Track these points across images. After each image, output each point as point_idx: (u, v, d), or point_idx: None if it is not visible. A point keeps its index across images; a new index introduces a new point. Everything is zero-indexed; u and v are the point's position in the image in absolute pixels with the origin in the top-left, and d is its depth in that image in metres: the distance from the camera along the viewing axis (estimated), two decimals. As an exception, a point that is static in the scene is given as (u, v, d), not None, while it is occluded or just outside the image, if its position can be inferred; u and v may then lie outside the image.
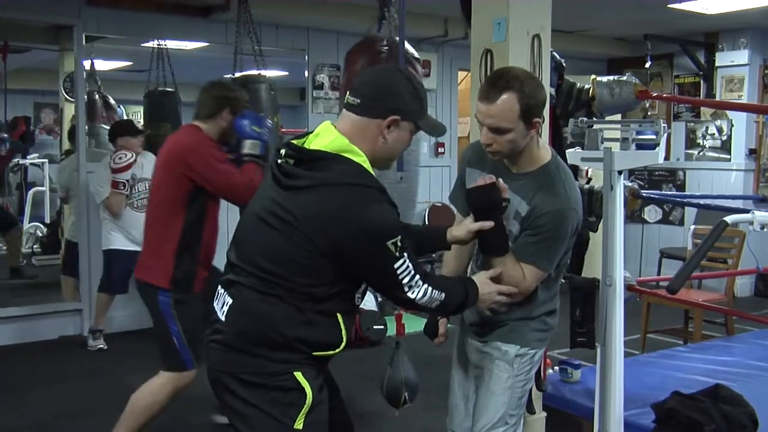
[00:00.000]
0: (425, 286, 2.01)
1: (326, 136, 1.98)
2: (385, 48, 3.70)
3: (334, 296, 1.97)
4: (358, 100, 1.99)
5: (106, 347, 5.28)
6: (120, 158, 5.13)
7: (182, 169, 3.20)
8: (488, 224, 2.20)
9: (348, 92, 2.03)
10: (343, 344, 2.02)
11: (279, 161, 2.01)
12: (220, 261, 2.48)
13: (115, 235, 5.21)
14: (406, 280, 1.97)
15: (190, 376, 3.32)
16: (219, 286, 2.07)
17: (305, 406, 1.95)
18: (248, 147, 3.31)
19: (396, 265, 1.95)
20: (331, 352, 2.01)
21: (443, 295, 2.05)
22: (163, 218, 3.28)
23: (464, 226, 2.27)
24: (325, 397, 2.05)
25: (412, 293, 1.99)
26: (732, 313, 5.01)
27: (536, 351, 2.41)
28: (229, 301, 2.00)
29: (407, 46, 3.74)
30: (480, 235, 2.25)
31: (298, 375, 1.95)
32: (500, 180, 2.20)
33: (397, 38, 3.70)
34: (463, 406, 2.56)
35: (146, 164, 5.04)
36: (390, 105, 1.98)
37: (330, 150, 1.94)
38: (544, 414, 3.39)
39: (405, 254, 1.96)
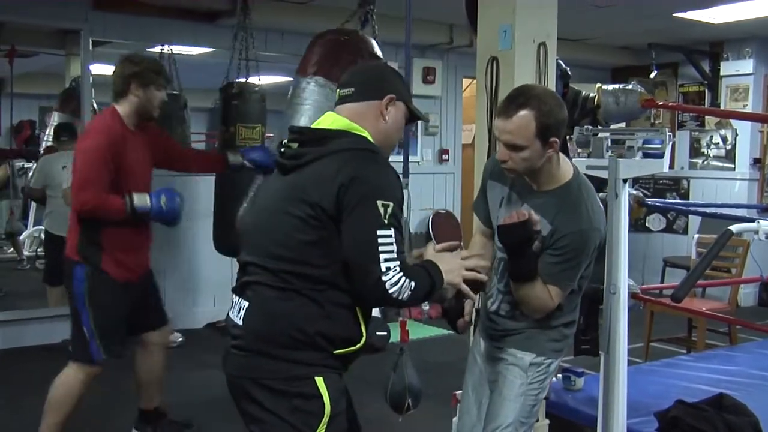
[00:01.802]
0: (401, 274, 1.88)
1: (327, 119, 2.03)
2: (345, 37, 3.71)
3: (346, 282, 1.93)
4: (352, 89, 2.04)
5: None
6: None
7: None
8: (483, 277, 2.13)
9: (338, 90, 2.08)
10: (364, 339, 1.98)
11: (282, 150, 2.03)
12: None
13: None
14: (384, 256, 1.86)
15: (98, 368, 3.29)
16: (233, 294, 2.06)
17: (325, 416, 1.93)
18: (138, 199, 3.22)
19: (379, 233, 1.86)
20: (352, 348, 1.97)
21: (413, 283, 1.91)
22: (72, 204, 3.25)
23: (455, 277, 2.08)
24: (344, 407, 2.03)
25: (386, 276, 1.86)
26: (735, 322, 5.00)
27: (552, 361, 2.40)
28: (245, 304, 1.99)
29: (375, 45, 3.75)
30: (510, 265, 2.26)
31: (320, 381, 1.93)
32: (533, 213, 2.18)
33: (366, 35, 3.71)
34: (475, 411, 2.55)
35: None
36: (384, 86, 2.04)
37: (331, 128, 1.99)
38: (547, 422, 3.38)
39: (393, 228, 1.88)
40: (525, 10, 3.11)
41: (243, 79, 4.95)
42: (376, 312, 2.51)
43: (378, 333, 2.30)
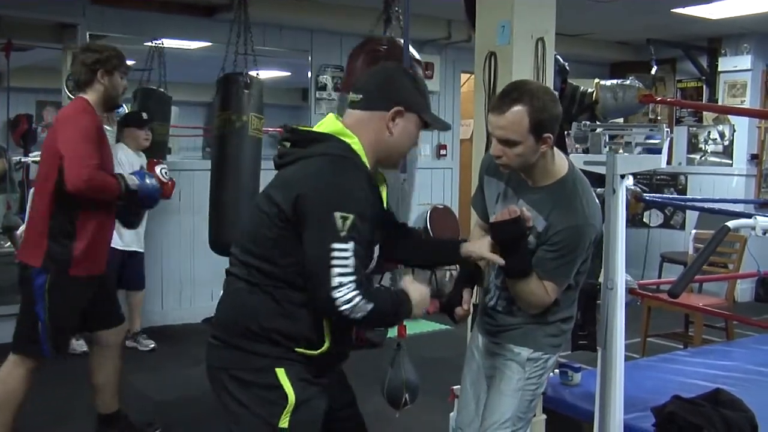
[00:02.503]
0: (355, 292, 1.81)
1: (325, 124, 2.01)
2: (384, 48, 3.71)
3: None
4: (361, 96, 2.01)
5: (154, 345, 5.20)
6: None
7: (54, 141, 3.11)
8: (500, 261, 2.17)
9: (350, 91, 2.05)
10: (327, 345, 1.96)
11: (278, 149, 2.03)
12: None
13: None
14: (338, 270, 1.80)
15: (42, 362, 3.25)
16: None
17: (288, 404, 1.93)
18: (128, 177, 3.27)
19: (334, 245, 1.80)
20: (312, 352, 1.95)
21: (370, 305, 1.84)
22: (39, 196, 3.19)
23: (481, 249, 2.21)
24: (316, 393, 2.00)
25: (338, 292, 1.80)
26: (732, 317, 5.01)
27: (549, 356, 2.41)
28: (220, 293, 2.04)
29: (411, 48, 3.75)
30: (504, 262, 2.24)
31: (280, 373, 1.94)
32: (524, 210, 2.17)
33: (399, 38, 3.71)
34: (473, 406, 2.56)
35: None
36: (392, 97, 1.99)
37: (323, 131, 1.98)
38: (544, 416, 3.39)
39: (352, 242, 1.82)
40: (523, 5, 3.11)
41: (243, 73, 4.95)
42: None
43: (376, 329, 2.30)
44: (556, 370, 3.70)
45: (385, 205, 2.11)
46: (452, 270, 5.97)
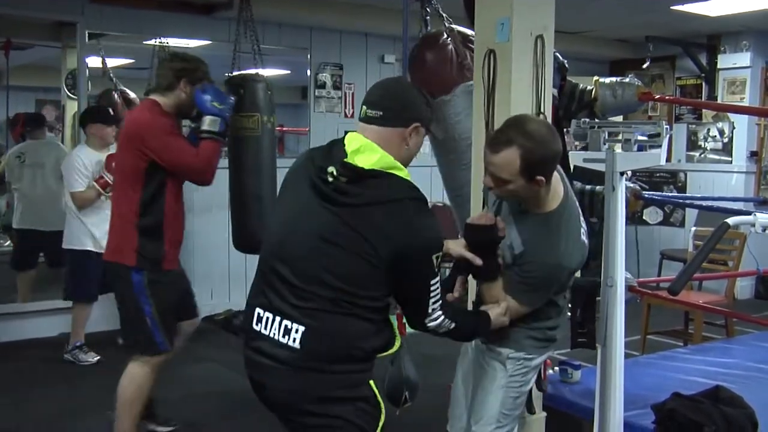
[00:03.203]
0: (441, 313, 2.08)
1: (370, 153, 2.03)
2: (449, 39, 3.65)
3: (388, 305, 2.08)
4: (381, 113, 2.07)
5: (99, 357, 4.98)
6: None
7: (138, 145, 3.18)
8: (477, 261, 2.26)
9: (365, 106, 2.10)
10: (398, 342, 2.15)
11: (329, 179, 2.02)
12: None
13: (84, 234, 4.91)
14: (432, 302, 2.05)
15: (165, 357, 3.36)
16: (262, 309, 2.07)
17: (382, 414, 2.07)
18: (207, 123, 3.31)
19: (431, 282, 2.03)
20: (391, 351, 2.13)
21: (453, 324, 2.12)
22: (124, 197, 3.27)
23: (458, 247, 2.31)
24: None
25: (429, 319, 2.08)
26: (732, 314, 5.01)
27: (533, 356, 2.43)
28: (301, 328, 1.99)
29: (465, 30, 3.68)
30: (472, 264, 2.30)
31: (372, 384, 2.07)
32: (499, 219, 2.24)
33: (453, 27, 3.66)
34: (464, 401, 2.61)
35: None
36: (411, 114, 2.09)
37: (379, 168, 2.01)
38: (544, 414, 3.39)
39: (439, 276, 2.05)
40: (522, 2, 3.10)
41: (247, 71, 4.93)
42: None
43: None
44: (556, 368, 3.70)
45: None
46: (447, 267, 5.96)
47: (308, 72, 6.68)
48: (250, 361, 2.10)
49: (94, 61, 5.91)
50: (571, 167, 2.91)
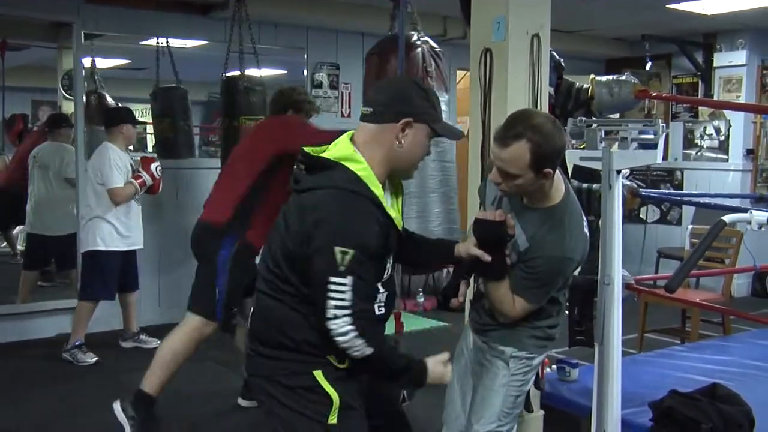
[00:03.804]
0: (351, 327, 1.89)
1: (337, 146, 2.03)
2: (417, 42, 3.67)
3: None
4: (371, 109, 2.04)
5: (97, 359, 4.96)
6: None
7: (275, 136, 3.63)
8: (486, 258, 2.23)
9: (363, 104, 2.11)
10: (347, 363, 2.02)
11: (295, 171, 2.08)
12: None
13: (110, 235, 4.94)
14: (334, 303, 1.88)
15: (214, 326, 3.56)
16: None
17: (333, 403, 2.00)
18: None
19: (332, 279, 1.87)
20: (340, 365, 2.02)
21: (370, 350, 1.94)
22: (236, 177, 3.62)
23: (468, 247, 2.29)
24: (359, 404, 2.07)
25: (332, 324, 1.89)
26: (729, 312, 5.02)
27: (534, 356, 2.44)
28: (254, 307, 2.11)
29: (431, 42, 3.72)
30: (480, 262, 2.28)
31: (318, 374, 2.00)
32: (509, 217, 2.22)
33: (409, 32, 3.68)
34: (459, 402, 2.60)
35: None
36: (401, 108, 2.01)
37: (332, 158, 1.99)
38: (542, 412, 3.39)
39: (352, 276, 1.87)
40: (518, 1, 3.11)
41: (241, 72, 4.94)
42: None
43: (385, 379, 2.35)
44: (554, 366, 3.71)
45: (401, 217, 2.14)
46: (449, 268, 5.97)
47: (305, 72, 6.67)
48: None
49: (84, 62, 5.90)
50: (569, 166, 2.92)
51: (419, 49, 3.62)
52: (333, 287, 1.88)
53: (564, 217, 2.27)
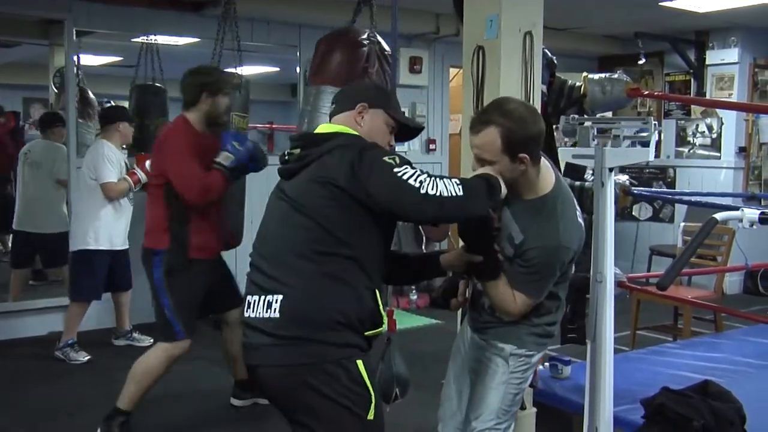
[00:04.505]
0: (434, 179, 1.99)
1: (322, 128, 2.26)
2: (366, 41, 3.67)
3: (369, 254, 2.06)
4: (334, 105, 2.28)
5: (90, 357, 4.97)
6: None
7: (161, 159, 3.54)
8: (477, 258, 2.26)
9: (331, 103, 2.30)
10: (384, 323, 2.11)
11: (285, 158, 2.17)
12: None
13: (100, 233, 4.94)
14: (409, 178, 1.97)
15: (184, 346, 3.56)
16: (250, 296, 2.12)
17: (371, 397, 2.04)
18: (221, 157, 3.52)
19: (396, 170, 1.99)
20: (379, 330, 2.10)
21: (460, 187, 2.00)
22: (156, 194, 3.54)
23: (457, 254, 2.32)
24: (376, 386, 2.12)
25: (423, 188, 1.96)
26: (721, 309, 5.04)
27: (533, 353, 2.43)
28: (279, 297, 2.03)
29: (383, 44, 3.72)
30: (473, 265, 2.29)
31: (360, 365, 2.04)
32: (490, 211, 2.21)
33: (375, 32, 3.70)
34: (456, 400, 2.58)
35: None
36: (356, 97, 2.24)
37: (331, 131, 2.18)
38: (534, 410, 3.40)
39: (407, 165, 2.01)
40: (511, -1, 3.11)
41: (232, 69, 4.91)
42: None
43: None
44: (546, 364, 3.71)
45: None
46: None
47: (297, 69, 6.66)
48: (243, 348, 2.15)
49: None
50: (561, 164, 2.92)
51: (365, 48, 3.63)
52: (402, 174, 1.98)
53: (556, 207, 2.28)
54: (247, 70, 5.04)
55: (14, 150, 6.01)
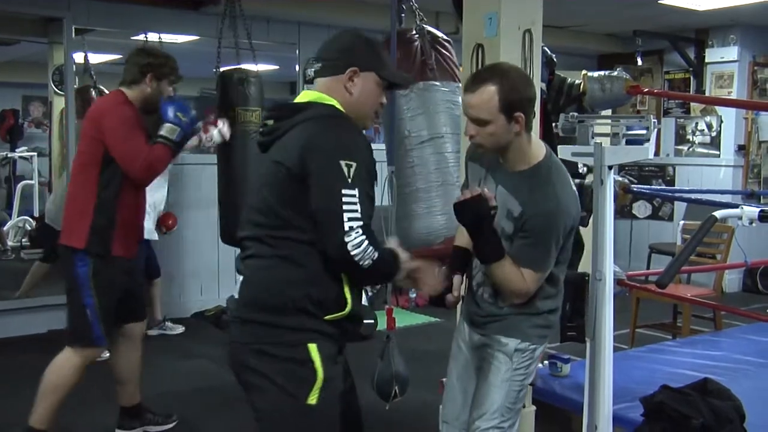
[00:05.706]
0: (363, 237, 1.90)
1: (301, 96, 2.12)
2: (416, 36, 3.65)
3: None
4: (320, 65, 2.12)
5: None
6: None
7: (95, 132, 3.21)
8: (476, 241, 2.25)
9: (311, 61, 2.15)
10: (349, 305, 2.01)
11: (261, 130, 2.12)
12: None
13: None
14: (348, 215, 1.89)
15: (99, 354, 3.35)
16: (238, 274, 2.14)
17: (317, 380, 1.98)
18: (165, 130, 3.25)
19: (343, 191, 1.89)
20: (341, 314, 2.01)
21: (376, 254, 1.93)
22: (81, 182, 3.26)
23: (458, 239, 2.32)
24: (338, 372, 2.07)
25: (349, 236, 1.88)
26: (720, 308, 5.04)
27: (536, 347, 2.41)
28: (241, 278, 2.07)
29: (436, 32, 3.69)
30: (474, 246, 2.28)
31: (312, 348, 1.98)
32: (485, 189, 2.21)
33: (425, 26, 3.66)
34: (461, 400, 2.54)
35: None
36: (346, 60, 2.08)
37: (307, 100, 2.07)
38: (534, 408, 3.40)
39: (358, 189, 1.91)
40: (510, -3, 3.11)
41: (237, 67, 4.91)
42: (363, 300, 2.51)
43: (365, 321, 2.30)
44: (546, 362, 3.72)
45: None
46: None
47: (297, 67, 6.66)
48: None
49: (77, 57, 5.86)
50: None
51: (416, 44, 3.59)
52: (345, 199, 1.89)
53: (551, 173, 2.28)
54: (246, 70, 5.04)
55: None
